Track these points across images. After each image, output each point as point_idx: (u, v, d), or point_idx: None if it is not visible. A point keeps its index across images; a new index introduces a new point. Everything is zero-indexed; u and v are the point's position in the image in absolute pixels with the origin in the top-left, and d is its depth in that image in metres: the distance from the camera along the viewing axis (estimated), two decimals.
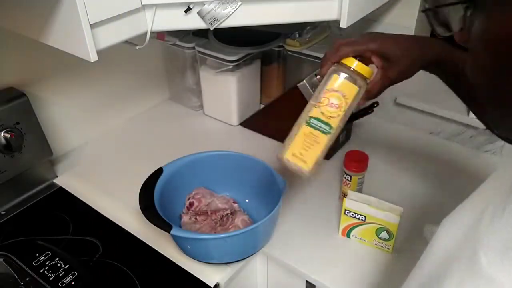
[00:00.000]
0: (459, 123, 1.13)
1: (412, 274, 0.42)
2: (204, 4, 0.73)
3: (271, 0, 0.76)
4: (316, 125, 0.61)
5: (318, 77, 0.66)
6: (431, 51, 0.65)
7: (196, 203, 0.89)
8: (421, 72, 0.66)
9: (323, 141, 0.61)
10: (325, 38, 1.20)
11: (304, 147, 0.61)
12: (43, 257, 0.82)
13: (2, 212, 0.94)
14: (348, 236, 0.88)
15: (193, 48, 1.17)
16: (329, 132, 0.61)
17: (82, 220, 0.92)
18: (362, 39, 0.65)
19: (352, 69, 0.62)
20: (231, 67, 1.13)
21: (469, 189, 0.42)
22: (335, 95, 0.61)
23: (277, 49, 1.20)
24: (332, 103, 0.61)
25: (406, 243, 0.85)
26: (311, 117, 0.61)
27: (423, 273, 0.41)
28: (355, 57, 0.63)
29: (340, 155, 1.09)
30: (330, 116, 0.61)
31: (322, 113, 0.61)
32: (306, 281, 0.83)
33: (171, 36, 1.17)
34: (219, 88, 1.19)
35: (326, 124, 0.61)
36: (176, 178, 0.87)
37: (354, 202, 0.83)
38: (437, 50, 0.64)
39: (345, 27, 0.77)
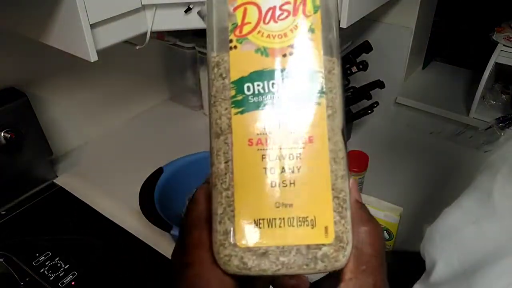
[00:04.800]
0: (459, 123, 1.13)
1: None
2: (204, 4, 0.73)
3: None
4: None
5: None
6: None
7: None
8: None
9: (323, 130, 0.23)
10: None
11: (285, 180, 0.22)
12: (43, 257, 0.82)
13: (2, 212, 0.94)
14: None
15: (193, 48, 1.17)
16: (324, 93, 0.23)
17: (82, 220, 0.92)
18: None
19: None
20: None
21: None
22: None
23: None
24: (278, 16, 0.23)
25: (406, 243, 0.85)
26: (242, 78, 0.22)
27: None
28: None
29: None
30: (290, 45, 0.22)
31: (264, 48, 0.22)
32: None
33: (171, 36, 1.17)
34: None
35: None
36: (176, 178, 0.87)
37: None
38: None
39: (345, 27, 0.77)
